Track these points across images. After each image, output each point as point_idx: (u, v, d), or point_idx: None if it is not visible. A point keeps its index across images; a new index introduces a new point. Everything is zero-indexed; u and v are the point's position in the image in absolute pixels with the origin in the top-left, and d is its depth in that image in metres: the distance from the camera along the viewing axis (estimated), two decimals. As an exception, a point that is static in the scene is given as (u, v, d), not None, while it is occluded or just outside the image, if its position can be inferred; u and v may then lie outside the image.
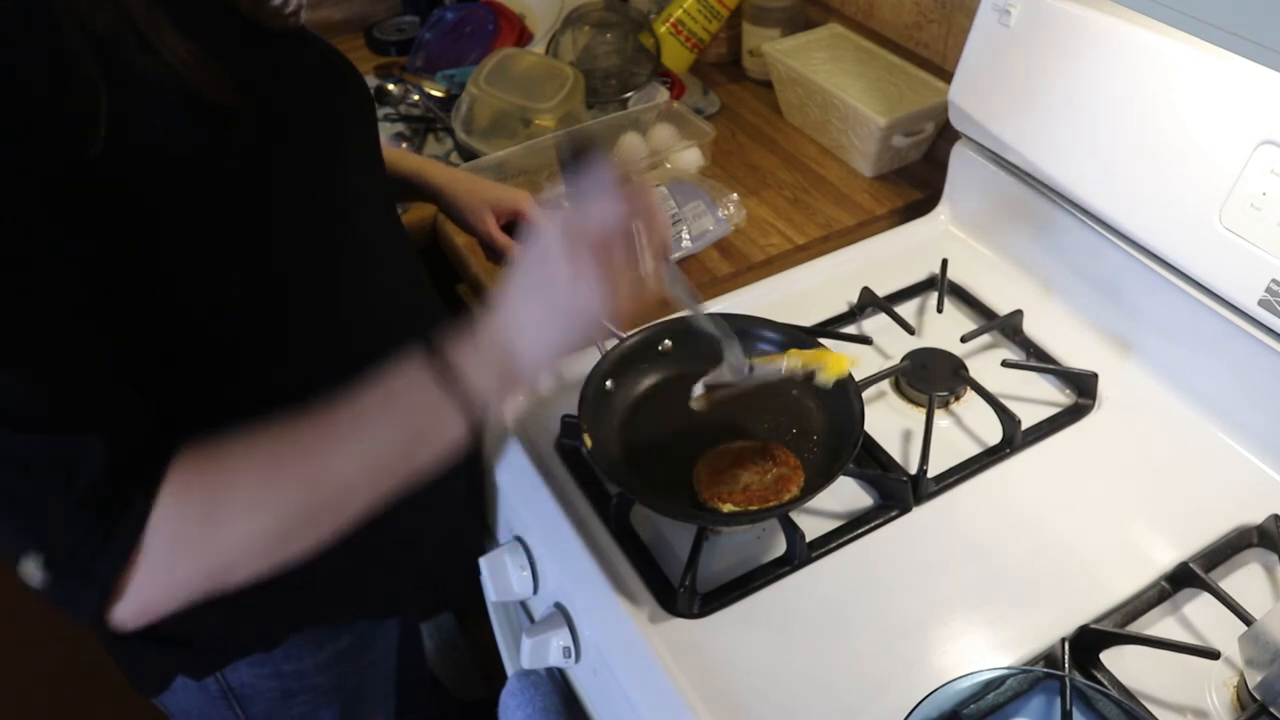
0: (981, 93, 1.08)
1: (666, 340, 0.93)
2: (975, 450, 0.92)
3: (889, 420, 0.96)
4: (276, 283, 0.67)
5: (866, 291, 1.08)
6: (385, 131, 1.37)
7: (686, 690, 0.74)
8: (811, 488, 0.81)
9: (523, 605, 1.01)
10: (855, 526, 0.85)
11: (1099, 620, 0.77)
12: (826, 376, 0.82)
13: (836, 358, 0.82)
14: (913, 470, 0.88)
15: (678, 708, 0.73)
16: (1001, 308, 1.06)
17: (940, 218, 1.20)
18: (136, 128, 0.55)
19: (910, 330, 1.03)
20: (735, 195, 1.21)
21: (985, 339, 1.04)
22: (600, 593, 0.81)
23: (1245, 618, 0.75)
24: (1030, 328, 1.04)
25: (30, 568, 0.55)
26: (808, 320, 1.05)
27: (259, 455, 0.58)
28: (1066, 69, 0.97)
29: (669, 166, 1.27)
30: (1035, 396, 0.98)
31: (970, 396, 0.97)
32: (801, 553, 0.82)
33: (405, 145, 1.37)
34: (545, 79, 1.33)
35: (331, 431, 0.58)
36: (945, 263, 1.11)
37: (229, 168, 0.61)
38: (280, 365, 0.70)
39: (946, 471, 0.90)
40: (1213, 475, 0.89)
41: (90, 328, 0.56)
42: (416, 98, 1.42)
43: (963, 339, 1.01)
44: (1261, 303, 0.84)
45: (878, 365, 1.00)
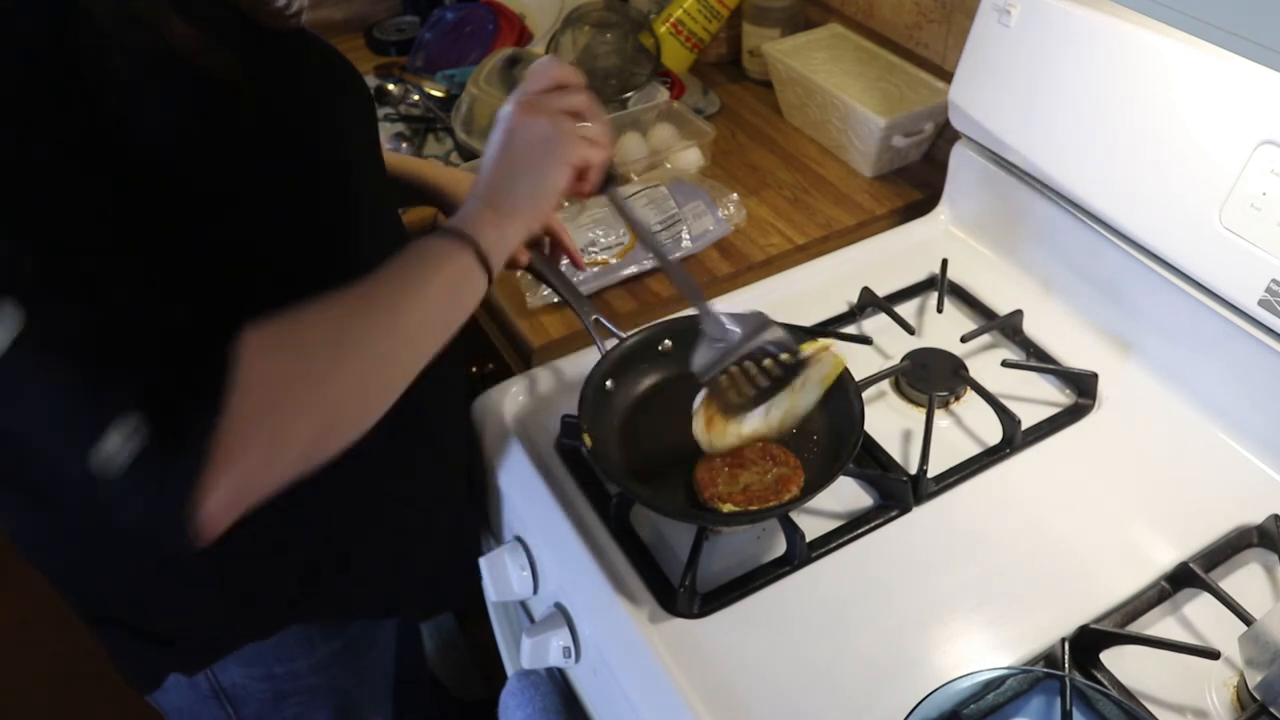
0: (981, 93, 1.08)
1: (666, 340, 0.93)
2: (975, 450, 0.92)
3: (889, 420, 0.96)
4: (279, 281, 0.67)
5: (866, 291, 1.08)
6: (385, 131, 1.37)
7: (686, 690, 0.74)
8: (811, 488, 0.81)
9: (523, 605, 1.01)
10: (855, 526, 0.85)
11: (1099, 620, 0.77)
12: (819, 372, 0.83)
13: (835, 356, 0.83)
14: (913, 470, 0.88)
15: (678, 708, 0.73)
16: (1001, 308, 1.06)
17: (940, 218, 1.20)
18: (148, 96, 0.56)
19: (910, 330, 1.03)
20: (735, 195, 1.21)
21: (985, 339, 1.04)
22: (600, 593, 0.81)
23: (1245, 618, 0.75)
24: (1030, 328, 1.04)
25: (115, 444, 0.50)
26: (808, 320, 1.05)
27: (330, 308, 0.60)
28: (1067, 69, 0.98)
29: (669, 166, 1.27)
30: (1035, 396, 0.98)
31: (970, 396, 0.97)
32: (801, 553, 0.82)
33: (405, 145, 1.37)
34: (545, 79, 1.33)
35: (391, 287, 0.63)
36: (945, 263, 1.11)
37: (237, 147, 0.62)
38: None
39: (946, 471, 0.90)
40: (1213, 475, 0.89)
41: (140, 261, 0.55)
42: (416, 98, 1.42)
43: (963, 339, 1.01)
44: (1261, 303, 0.84)
45: (878, 365, 1.00)
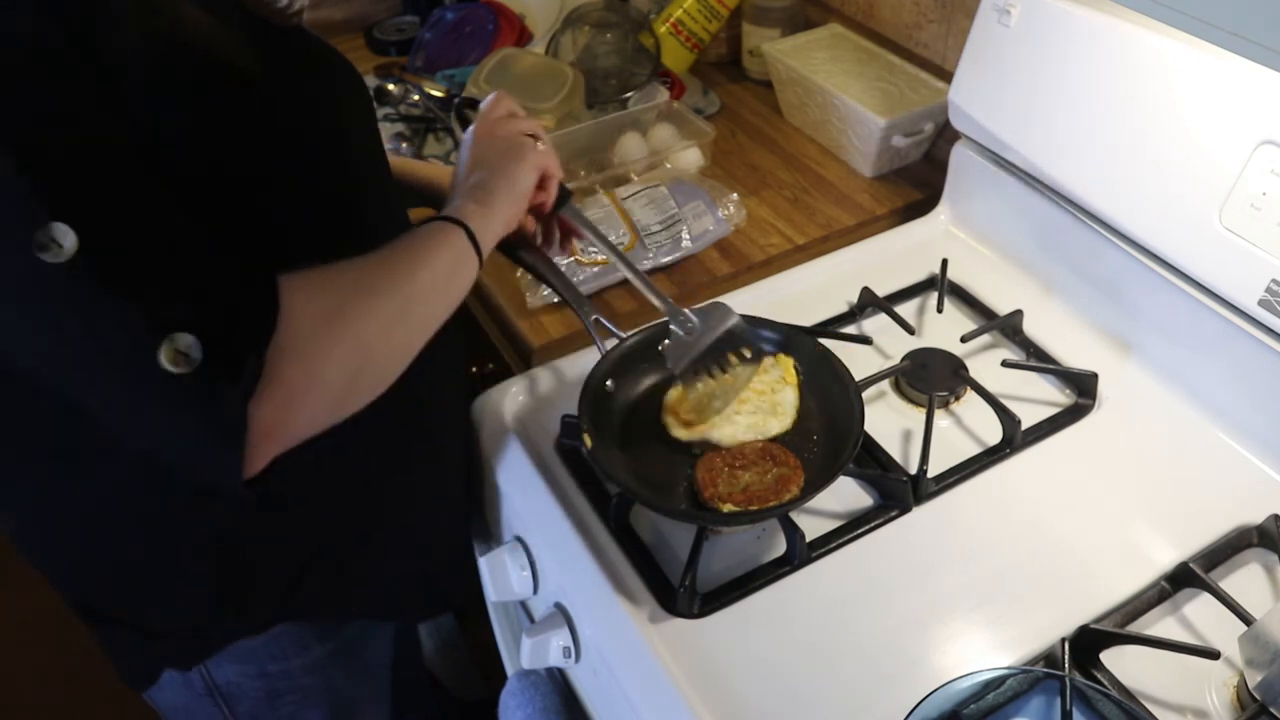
0: (981, 93, 1.08)
1: (666, 340, 0.93)
2: (975, 450, 0.92)
3: (889, 420, 0.96)
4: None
5: (866, 291, 1.08)
6: (385, 131, 1.36)
7: (686, 690, 0.74)
8: (811, 488, 0.81)
9: (523, 605, 1.01)
10: (855, 526, 0.85)
11: (1099, 620, 0.77)
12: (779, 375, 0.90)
13: (782, 357, 0.92)
14: (913, 470, 0.88)
15: (678, 708, 0.73)
16: (1001, 308, 1.06)
17: (940, 218, 1.20)
18: (161, 79, 0.58)
19: (910, 330, 1.03)
20: (735, 195, 1.21)
21: (985, 339, 1.04)
22: (600, 593, 0.81)
23: (1245, 618, 0.75)
24: (1030, 328, 1.04)
25: (172, 355, 0.52)
26: (808, 320, 1.05)
27: (352, 263, 0.65)
28: (1067, 69, 0.97)
29: (669, 166, 1.27)
30: (1035, 396, 0.98)
31: (970, 396, 0.97)
32: (801, 553, 0.82)
33: (405, 145, 1.37)
34: (545, 79, 1.33)
35: (404, 255, 0.69)
36: (945, 263, 1.11)
37: (246, 131, 0.63)
38: None
39: (946, 471, 0.90)
40: (1213, 475, 0.89)
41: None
42: (416, 98, 1.42)
43: (963, 339, 1.01)
44: (1261, 303, 0.84)
45: (878, 365, 1.00)
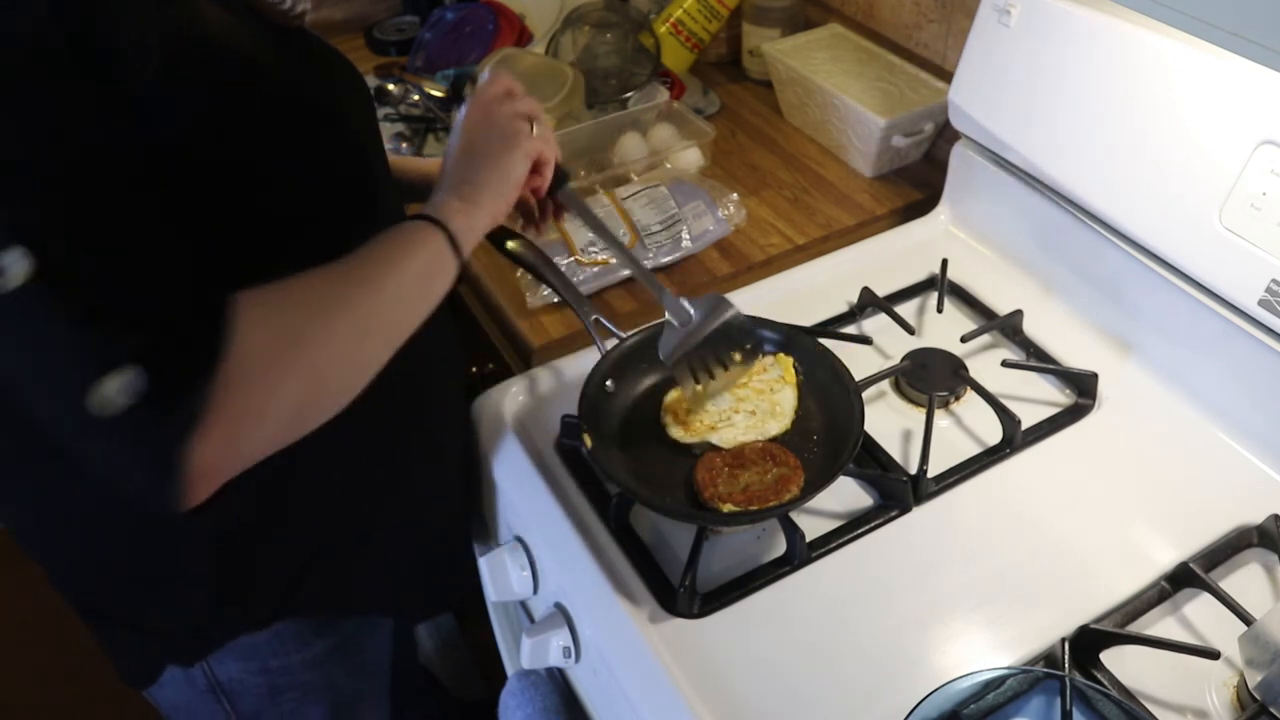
0: (981, 93, 1.08)
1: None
2: (975, 450, 0.92)
3: (889, 420, 0.96)
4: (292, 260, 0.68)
5: (866, 291, 1.08)
6: (385, 131, 1.36)
7: (686, 690, 0.74)
8: (811, 488, 0.81)
9: (523, 605, 1.01)
10: (855, 526, 0.85)
11: (1099, 620, 0.77)
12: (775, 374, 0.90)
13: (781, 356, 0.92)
14: (913, 470, 0.88)
15: (678, 708, 0.73)
16: (1001, 308, 1.06)
17: (940, 218, 1.20)
18: (177, 70, 0.58)
19: (910, 330, 1.03)
20: (735, 195, 1.21)
21: (985, 339, 1.04)
22: (600, 593, 0.81)
23: (1245, 618, 0.75)
24: (1030, 328, 1.04)
25: (117, 385, 0.51)
26: (808, 320, 1.05)
27: (316, 276, 0.63)
28: (1067, 69, 0.97)
29: (669, 166, 1.27)
30: (1035, 396, 0.98)
31: (970, 396, 0.97)
32: (801, 553, 0.82)
33: (405, 145, 1.37)
34: (545, 79, 1.33)
35: (372, 263, 0.66)
36: (945, 263, 1.11)
37: (257, 123, 0.63)
38: None
39: (946, 471, 0.90)
40: (1213, 475, 0.89)
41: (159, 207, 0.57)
42: (416, 98, 1.42)
43: (963, 339, 1.01)
44: (1261, 303, 0.84)
45: (878, 365, 1.00)
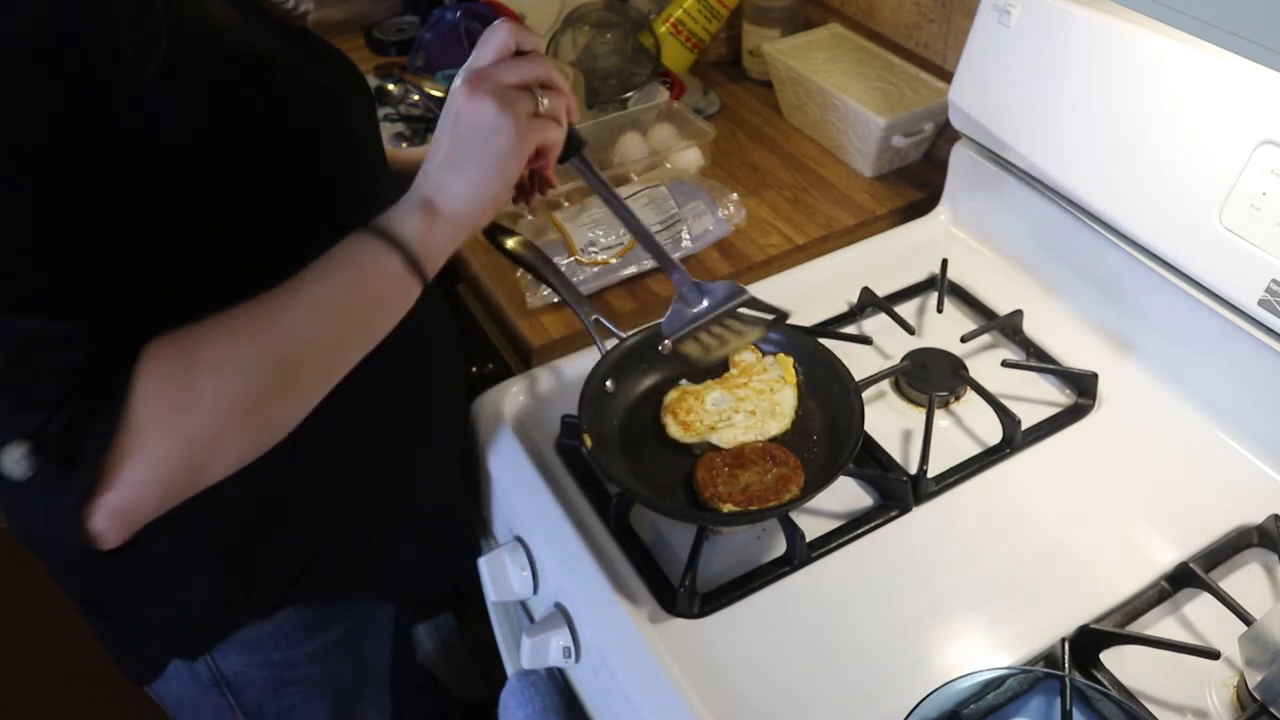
0: (981, 93, 1.08)
1: (667, 340, 0.93)
2: (975, 450, 0.92)
3: (889, 420, 0.96)
4: (284, 262, 0.67)
5: (866, 291, 1.08)
6: (385, 131, 1.36)
7: (686, 690, 0.74)
8: (811, 488, 0.81)
9: (523, 605, 1.01)
10: (855, 526, 0.85)
11: (1099, 620, 0.77)
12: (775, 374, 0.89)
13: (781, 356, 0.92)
14: (913, 470, 0.88)
15: (678, 708, 0.73)
16: (1001, 308, 1.06)
17: (940, 218, 1.20)
18: (185, 72, 0.58)
19: (910, 330, 1.03)
20: (735, 195, 1.21)
21: (985, 339, 1.04)
22: (600, 593, 0.81)
23: (1245, 618, 0.75)
24: (1030, 328, 1.04)
25: (14, 457, 0.54)
26: (808, 320, 1.05)
27: (223, 322, 0.59)
28: (1067, 69, 0.97)
29: (669, 166, 1.27)
30: (1035, 396, 0.98)
31: (970, 396, 0.97)
32: (801, 553, 0.82)
33: (405, 145, 1.37)
34: (545, 79, 1.33)
35: (288, 295, 0.60)
36: (945, 263, 1.11)
37: (257, 125, 0.63)
38: None
39: (946, 471, 0.90)
40: (1213, 475, 0.89)
41: (98, 228, 0.56)
42: (416, 98, 1.42)
43: (963, 339, 1.01)
44: (1261, 303, 0.84)
45: (878, 365, 1.00)
